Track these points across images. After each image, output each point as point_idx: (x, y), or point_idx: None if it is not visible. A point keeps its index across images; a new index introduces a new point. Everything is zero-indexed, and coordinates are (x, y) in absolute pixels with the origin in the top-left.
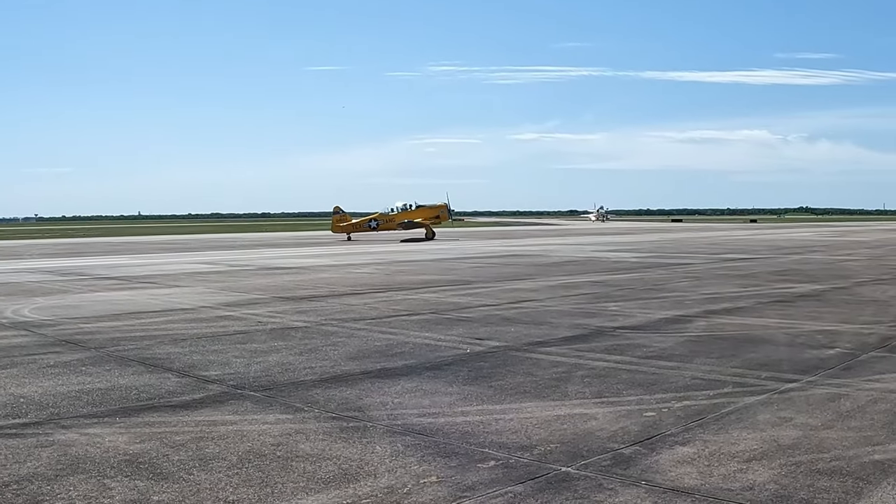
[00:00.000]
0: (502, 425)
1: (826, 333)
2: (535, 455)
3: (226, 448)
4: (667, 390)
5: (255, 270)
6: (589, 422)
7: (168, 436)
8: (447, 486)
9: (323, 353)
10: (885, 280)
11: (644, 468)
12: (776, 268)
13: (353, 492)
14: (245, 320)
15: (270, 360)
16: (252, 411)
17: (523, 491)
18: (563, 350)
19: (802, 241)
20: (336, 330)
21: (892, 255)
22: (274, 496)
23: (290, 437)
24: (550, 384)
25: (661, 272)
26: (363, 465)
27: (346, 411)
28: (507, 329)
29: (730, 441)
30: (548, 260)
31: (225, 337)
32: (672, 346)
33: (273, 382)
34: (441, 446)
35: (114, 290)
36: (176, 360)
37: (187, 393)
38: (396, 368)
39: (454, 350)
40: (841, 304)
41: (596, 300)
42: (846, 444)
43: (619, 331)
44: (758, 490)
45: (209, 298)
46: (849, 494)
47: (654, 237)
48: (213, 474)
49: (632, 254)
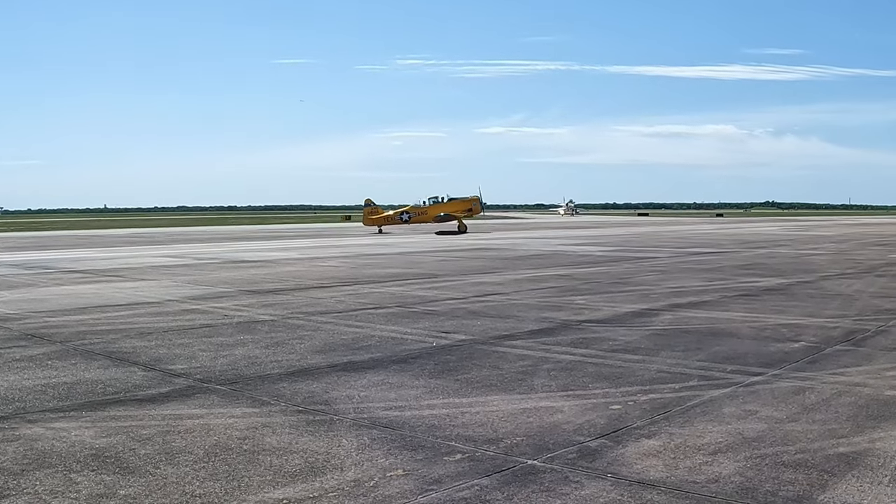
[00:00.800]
0: (468, 418)
1: (791, 327)
2: (501, 448)
3: (192, 442)
4: (633, 383)
5: (221, 264)
6: (555, 415)
7: (134, 430)
8: (413, 478)
9: (289, 346)
10: (850, 274)
11: (610, 461)
12: (742, 262)
13: (319, 485)
14: (211, 314)
15: (237, 353)
16: (218, 405)
17: (489, 484)
18: (530, 343)
19: (768, 235)
20: (302, 323)
21: (858, 249)
22: (240, 490)
23: (257, 430)
24: (517, 377)
25: (628, 266)
26: (330, 459)
27: (312, 405)
28: (474, 322)
29: (695, 434)
30: (514, 253)
31: (191, 330)
32: (638, 339)
33: (239, 376)
34: (407, 439)
35: (80, 284)
36: (142, 354)
37: (154, 387)
38: (363, 362)
39: (420, 343)
40: (806, 298)
41: (562, 294)
42: (811, 436)
43: (585, 324)
44: (723, 482)
45: (175, 292)
46: (813, 487)
47: (620, 231)
48: (180, 468)
49: (598, 248)
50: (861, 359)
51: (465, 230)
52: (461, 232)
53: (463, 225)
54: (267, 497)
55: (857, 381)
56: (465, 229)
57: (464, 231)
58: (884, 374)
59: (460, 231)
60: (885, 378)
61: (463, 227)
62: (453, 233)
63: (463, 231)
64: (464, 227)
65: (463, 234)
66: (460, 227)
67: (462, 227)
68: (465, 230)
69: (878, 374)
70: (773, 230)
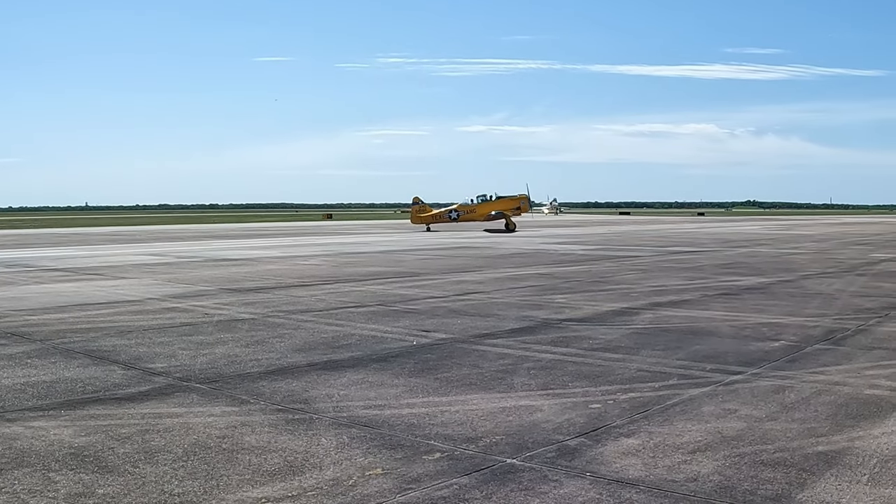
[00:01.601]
0: (448, 417)
1: (771, 326)
2: (480, 447)
3: (171, 441)
4: (612, 382)
5: (202, 262)
6: (534, 414)
7: (113, 428)
8: (392, 477)
9: (269, 345)
10: (831, 273)
11: (589, 460)
12: (723, 261)
13: (298, 484)
14: (191, 312)
15: (217, 352)
16: (198, 404)
17: (468, 483)
18: (510, 342)
19: (749, 234)
20: (283, 322)
21: (838, 248)
22: (219, 489)
23: (236, 429)
24: (496, 376)
25: (609, 265)
26: (309, 458)
27: (292, 403)
28: (454, 321)
29: (674, 433)
30: (495, 252)
31: (171, 329)
32: (618, 338)
33: (219, 374)
34: (387, 438)
35: (60, 282)
36: (122, 353)
37: (133, 385)
38: (343, 360)
39: (401, 342)
40: (786, 297)
41: (543, 292)
42: (790, 435)
43: (565, 323)
44: (702, 481)
45: (156, 290)
46: (792, 486)
47: (601, 230)
48: (159, 467)
49: (579, 246)
50: (841, 358)
51: (514, 228)
52: (509, 230)
53: (512, 223)
54: (246, 496)
55: (836, 379)
56: (514, 227)
57: (512, 229)
58: (863, 373)
59: (508, 229)
60: (864, 377)
61: (512, 226)
62: (501, 231)
63: (511, 230)
64: (512, 226)
65: (511, 232)
66: (508, 226)
67: (511, 226)
68: (513, 228)
69: (858, 372)
70: (755, 229)
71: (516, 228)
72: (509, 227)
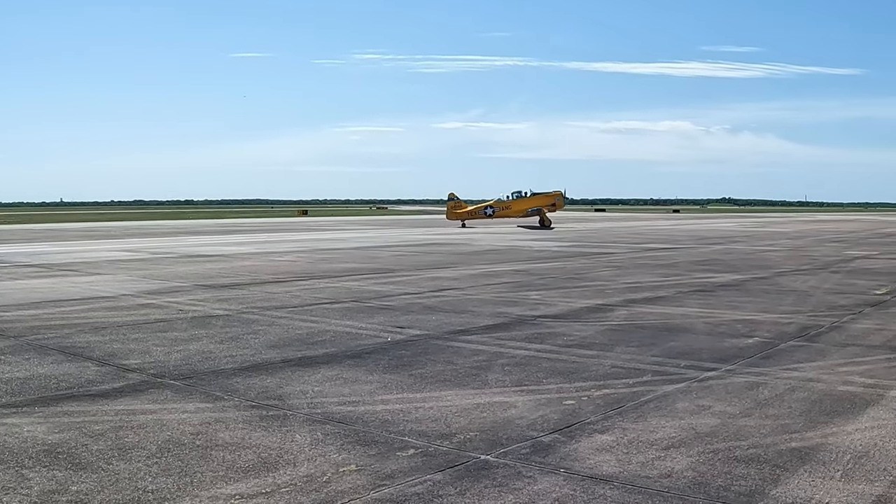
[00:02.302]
0: (422, 413)
1: (746, 323)
2: (454, 443)
3: (145, 437)
4: (587, 378)
5: (176, 258)
6: (509, 410)
7: (87, 425)
8: (366, 474)
9: (244, 341)
10: (805, 270)
11: (563, 456)
12: (698, 258)
13: (272, 480)
14: (166, 308)
15: (191, 348)
16: (172, 400)
17: (442, 479)
18: (484, 338)
19: (724, 231)
20: (257, 318)
21: (813, 245)
22: (193, 485)
23: (210, 425)
24: (471, 372)
25: (584, 261)
26: (283, 454)
27: (266, 400)
28: (429, 317)
29: (648, 429)
30: (470, 248)
31: (145, 325)
32: (592, 334)
33: (193, 371)
34: (361, 434)
35: (34, 278)
36: (96, 349)
37: (107, 382)
38: (317, 357)
39: (375, 338)
40: (761, 294)
41: (517, 289)
42: (764, 431)
43: (539, 319)
44: (676, 477)
45: (130, 286)
46: (766, 482)
47: (576, 226)
48: (133, 464)
49: (554, 243)
50: (815, 354)
51: (549, 224)
52: (545, 227)
53: (547, 219)
54: (219, 492)
55: (810, 376)
56: (549, 224)
57: (547, 226)
58: (837, 370)
59: (543, 226)
60: (838, 373)
61: (547, 222)
62: (536, 227)
63: (547, 226)
64: (548, 222)
65: (547, 229)
66: (544, 222)
67: (547, 222)
68: (548, 224)
69: (832, 369)
70: (730, 226)
71: (552, 224)
72: (544, 224)
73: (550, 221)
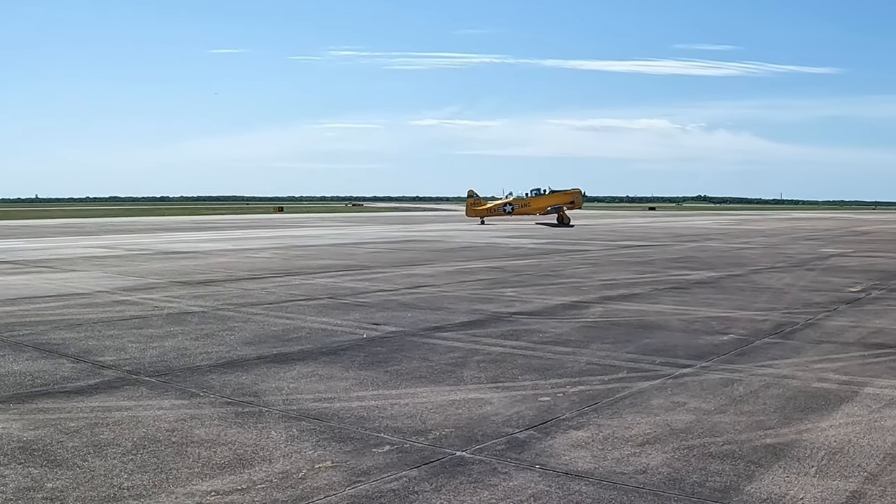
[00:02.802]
0: (398, 410)
1: (721, 320)
2: (430, 440)
3: (120, 434)
4: (562, 375)
5: (152, 254)
6: (484, 406)
7: (62, 422)
8: (342, 470)
9: (219, 338)
10: (780, 268)
11: (538, 452)
12: (673, 255)
13: (248, 477)
14: (141, 305)
15: (166, 345)
16: (147, 397)
17: (418, 475)
18: (460, 335)
19: (700, 229)
20: (233, 315)
21: (788, 243)
22: (168, 482)
23: (186, 422)
24: (446, 369)
25: (559, 258)
26: (258, 451)
27: (241, 396)
28: (404, 314)
29: (623, 425)
30: (446, 245)
31: (121, 322)
32: (568, 331)
33: (169, 368)
34: (336, 431)
35: (9, 275)
36: (71, 346)
37: (82, 378)
38: (293, 353)
39: (351, 335)
40: (736, 292)
41: (493, 286)
42: (738, 428)
43: (515, 316)
44: (651, 473)
45: (105, 283)
46: (740, 478)
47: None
48: (108, 460)
49: (530, 240)
50: (789, 351)
51: (568, 222)
52: (564, 224)
53: (566, 217)
54: (195, 489)
55: (785, 373)
56: (568, 221)
57: (566, 223)
58: (812, 367)
59: (563, 223)
60: (812, 370)
61: (566, 219)
62: (554, 225)
63: (566, 223)
64: (567, 219)
65: (566, 226)
66: (563, 219)
67: (565, 219)
68: (567, 222)
69: (806, 366)
70: (705, 224)
71: (570, 222)
72: (564, 221)
73: (570, 219)
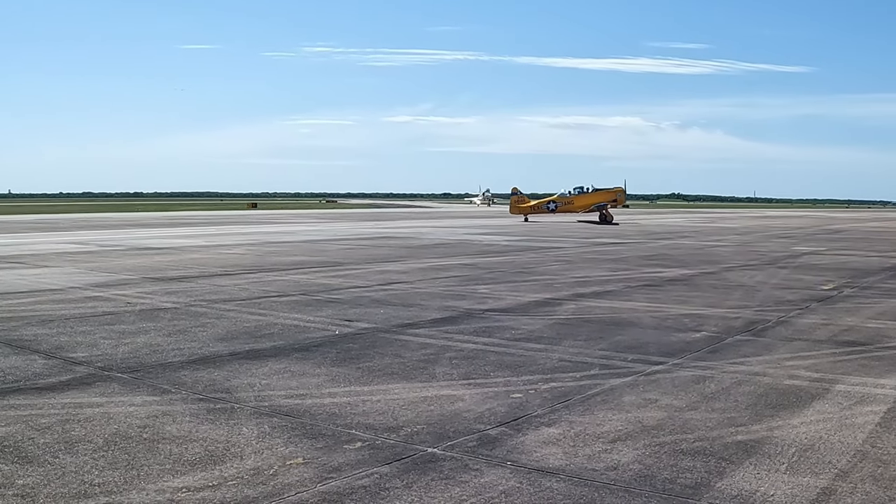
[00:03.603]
0: (369, 406)
1: (693, 317)
2: (401, 436)
3: (92, 430)
4: (534, 372)
5: (125, 250)
6: (456, 403)
7: (34, 418)
8: (313, 467)
9: (192, 334)
10: (753, 265)
11: (510, 448)
12: (646, 252)
13: (219, 473)
14: (114, 301)
15: (139, 341)
16: (119, 393)
17: (389, 472)
18: (432, 332)
19: (673, 226)
20: (205, 311)
21: (761, 241)
22: (139, 478)
23: (157, 418)
24: (418, 366)
25: (532, 255)
26: (230, 447)
27: (213, 393)
28: (377, 311)
29: (595, 422)
30: (419, 242)
31: (93, 318)
32: (540, 328)
33: (141, 364)
34: (308, 427)
35: None
36: (43, 342)
37: (54, 375)
38: (265, 350)
39: (323, 331)
40: (709, 289)
41: (466, 283)
42: (710, 424)
43: (488, 313)
44: (622, 470)
45: (78, 279)
46: (711, 474)
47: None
48: (79, 457)
49: (503, 237)
50: (761, 349)
51: (611, 220)
52: (606, 222)
53: (609, 215)
54: (166, 486)
55: (756, 370)
56: (611, 219)
57: (609, 221)
58: (783, 364)
59: (606, 221)
60: (784, 367)
61: (609, 217)
62: (595, 222)
63: (609, 221)
64: (610, 217)
65: (609, 224)
66: (606, 217)
67: (608, 217)
68: (610, 219)
69: (778, 363)
70: (678, 221)
71: (613, 220)
72: (606, 219)
73: (612, 217)
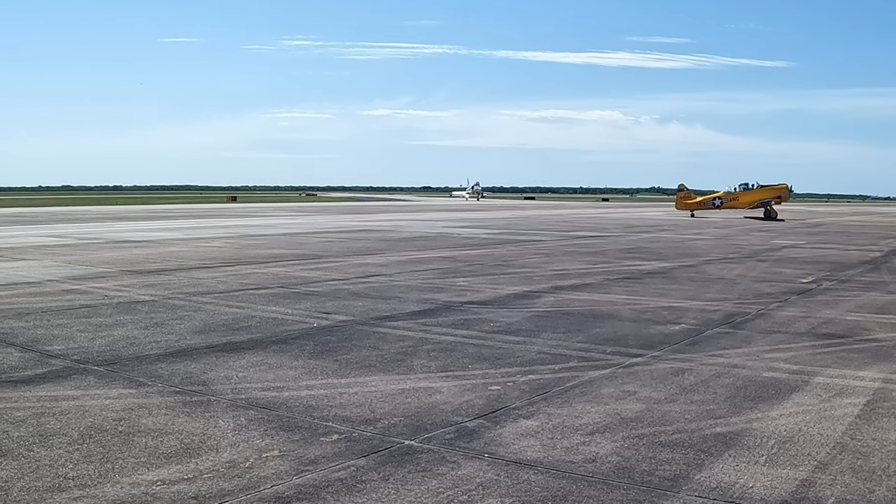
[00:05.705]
0: (347, 399)
1: (672, 310)
2: (378, 428)
3: (67, 423)
4: (512, 364)
5: (103, 244)
6: (434, 395)
7: (8, 412)
8: (289, 459)
9: (169, 327)
10: (732, 258)
11: (487, 441)
12: (625, 245)
13: (194, 466)
14: (91, 294)
15: (115, 334)
16: (95, 386)
17: (366, 464)
18: (410, 324)
19: (653, 220)
20: (183, 304)
21: (740, 234)
22: (115, 471)
23: (133, 411)
24: (396, 358)
25: (512, 248)
26: (206, 440)
27: (190, 385)
28: (355, 303)
29: (573, 414)
30: (398, 235)
31: (70, 311)
32: (519, 321)
33: (117, 357)
34: (284, 420)
35: None
36: (19, 335)
37: (30, 368)
38: (242, 342)
39: (301, 324)
40: (688, 282)
41: (445, 275)
42: (688, 417)
43: (466, 306)
44: (600, 462)
45: (55, 272)
46: (690, 466)
47: (505, 214)
48: (54, 450)
49: (483, 230)
50: (740, 341)
51: (775, 216)
52: (771, 218)
53: (774, 211)
54: (141, 479)
55: (735, 362)
56: (776, 215)
57: (774, 217)
58: (762, 356)
59: (770, 217)
60: (763, 360)
61: (774, 214)
62: (760, 218)
63: (773, 217)
64: (774, 214)
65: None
66: (770, 213)
67: (773, 214)
68: (774, 216)
69: (757, 355)
70: (658, 215)
71: (778, 216)
72: (771, 215)
73: (777, 213)
